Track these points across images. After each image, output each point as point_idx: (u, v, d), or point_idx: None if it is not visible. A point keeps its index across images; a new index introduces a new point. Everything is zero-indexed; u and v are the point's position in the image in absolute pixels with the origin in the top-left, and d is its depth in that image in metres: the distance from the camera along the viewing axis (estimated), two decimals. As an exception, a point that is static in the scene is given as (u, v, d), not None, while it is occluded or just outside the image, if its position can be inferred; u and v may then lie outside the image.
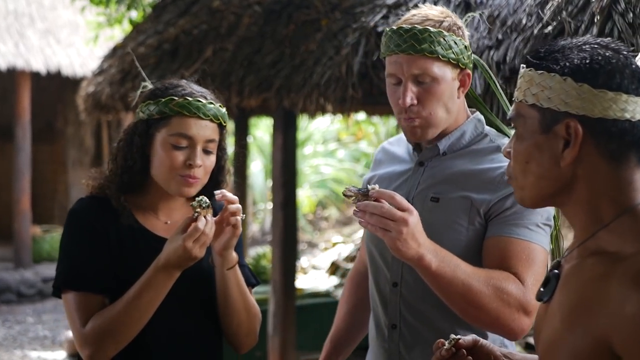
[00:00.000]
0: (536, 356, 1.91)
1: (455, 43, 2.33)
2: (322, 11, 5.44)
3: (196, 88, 2.48)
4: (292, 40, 5.51)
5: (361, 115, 11.24)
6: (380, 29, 4.79)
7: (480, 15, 3.79)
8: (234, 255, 2.42)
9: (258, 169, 14.53)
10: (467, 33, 2.43)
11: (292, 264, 6.39)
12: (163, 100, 2.41)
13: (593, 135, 1.56)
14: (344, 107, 5.20)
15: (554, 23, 3.84)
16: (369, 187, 2.12)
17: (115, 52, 7.31)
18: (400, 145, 2.61)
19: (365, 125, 13.91)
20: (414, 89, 2.32)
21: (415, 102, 2.32)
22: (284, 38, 5.58)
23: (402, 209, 2.07)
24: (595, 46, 1.59)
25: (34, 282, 11.15)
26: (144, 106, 2.45)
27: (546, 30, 3.84)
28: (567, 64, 1.58)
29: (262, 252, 8.68)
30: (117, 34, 8.90)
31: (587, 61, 1.57)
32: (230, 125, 13.58)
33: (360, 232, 9.85)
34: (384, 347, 2.47)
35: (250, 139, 10.25)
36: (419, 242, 2.09)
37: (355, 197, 2.12)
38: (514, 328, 2.22)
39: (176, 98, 2.40)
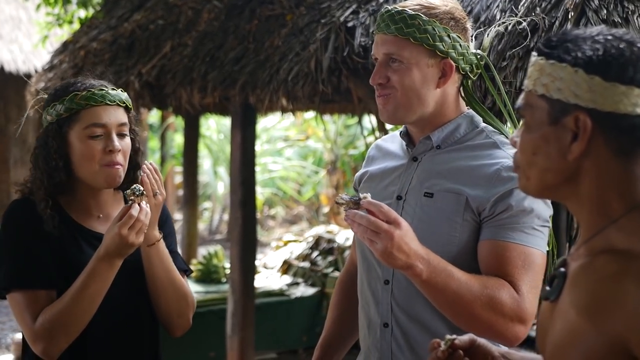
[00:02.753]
0: (536, 355, 1.89)
1: (434, 29, 2.30)
2: (287, 6, 5.39)
3: (94, 81, 2.58)
4: (255, 36, 5.45)
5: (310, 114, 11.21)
6: (350, 24, 4.75)
7: (510, 12, 3.80)
8: (156, 233, 2.52)
9: (206, 168, 14.41)
10: (464, 27, 2.38)
11: (251, 263, 6.33)
12: (67, 97, 2.49)
13: (602, 129, 1.53)
14: (312, 104, 5.16)
15: (528, 19, 3.83)
16: (361, 195, 2.09)
17: (66, 47, 7.17)
18: (394, 141, 2.57)
19: (315, 123, 13.88)
20: (385, 69, 2.34)
21: (382, 81, 2.34)
22: (247, 33, 5.51)
23: (389, 221, 2.03)
24: (609, 37, 1.55)
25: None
26: (50, 109, 2.52)
27: (520, 27, 3.83)
28: (579, 54, 1.54)
29: (213, 251, 8.55)
30: (67, 34, 8.71)
31: (600, 53, 1.53)
32: (180, 123, 13.44)
33: (312, 231, 9.82)
34: (376, 347, 2.42)
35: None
36: (407, 253, 2.04)
37: (347, 205, 2.10)
38: (508, 336, 2.18)
39: (80, 92, 2.49)
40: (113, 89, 2.56)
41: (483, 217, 2.28)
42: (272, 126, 14.55)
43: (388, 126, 7.64)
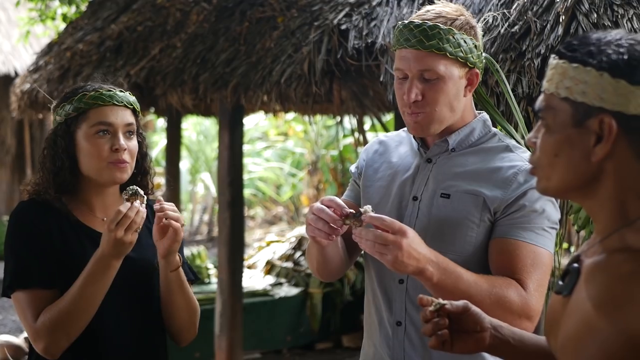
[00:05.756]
0: (526, 333, 1.94)
1: (465, 41, 2.34)
2: (278, 9, 5.41)
3: (103, 84, 2.63)
4: (247, 38, 5.47)
5: (291, 115, 11.24)
6: (343, 27, 4.80)
7: (502, 15, 3.85)
8: (177, 258, 2.55)
9: (185, 169, 14.38)
10: (480, 33, 2.43)
11: (239, 264, 6.36)
12: (76, 97, 2.54)
13: (626, 132, 1.56)
14: (306, 105, 5.20)
15: (520, 23, 3.90)
16: (362, 210, 2.16)
17: (51, 48, 7.15)
18: (401, 141, 2.61)
19: (295, 124, 13.91)
20: (420, 85, 2.34)
21: (419, 98, 2.34)
22: (238, 35, 5.53)
23: (395, 232, 2.09)
24: (632, 42, 1.59)
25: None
26: (59, 110, 2.57)
27: (512, 30, 3.90)
28: (604, 58, 1.57)
29: (196, 252, 8.57)
30: (49, 31, 8.70)
31: (625, 57, 1.56)
32: (159, 124, 13.40)
33: (292, 232, 9.86)
34: (388, 345, 2.46)
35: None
36: (418, 258, 2.11)
37: (349, 221, 2.18)
38: None
39: (88, 92, 2.55)
40: (121, 91, 2.61)
41: (497, 217, 2.34)
42: (252, 127, 14.55)
43: (367, 127, 7.69)
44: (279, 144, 15.06)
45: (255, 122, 14.12)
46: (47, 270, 2.50)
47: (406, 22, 2.38)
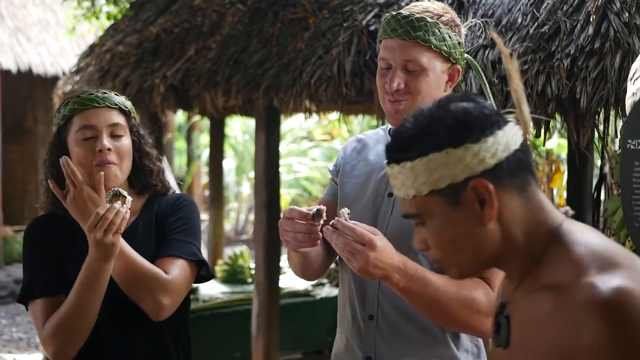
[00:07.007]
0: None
1: (450, 37, 2.39)
2: (310, 10, 5.40)
3: (91, 89, 2.68)
4: (279, 39, 5.47)
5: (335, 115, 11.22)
6: (372, 28, 4.78)
7: (485, 22, 3.82)
8: None
9: (230, 168, 14.45)
10: (463, 32, 2.47)
11: (275, 265, 6.35)
12: (62, 106, 2.62)
13: (498, 182, 1.56)
14: (336, 105, 5.18)
15: (550, 22, 3.84)
16: (340, 212, 2.22)
17: (93, 50, 7.24)
18: (378, 139, 2.64)
19: (340, 124, 13.89)
20: (402, 75, 2.39)
21: (401, 87, 2.38)
22: (270, 37, 5.53)
23: (364, 243, 2.14)
24: (447, 108, 1.59)
25: (6, 283, 10.96)
26: (55, 120, 2.65)
27: (542, 30, 3.84)
28: (437, 138, 1.56)
29: (239, 252, 8.59)
30: (93, 28, 8.80)
31: (453, 124, 1.57)
32: (205, 123, 13.49)
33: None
34: (360, 338, 2.49)
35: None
36: (384, 268, 2.17)
37: (319, 219, 2.26)
38: (484, 330, 2.30)
39: (71, 100, 2.61)
40: (104, 93, 2.65)
41: None
42: (297, 126, 14.57)
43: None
44: (325, 143, 15.05)
45: (299, 122, 14.13)
46: (55, 280, 2.58)
47: (394, 13, 2.43)
